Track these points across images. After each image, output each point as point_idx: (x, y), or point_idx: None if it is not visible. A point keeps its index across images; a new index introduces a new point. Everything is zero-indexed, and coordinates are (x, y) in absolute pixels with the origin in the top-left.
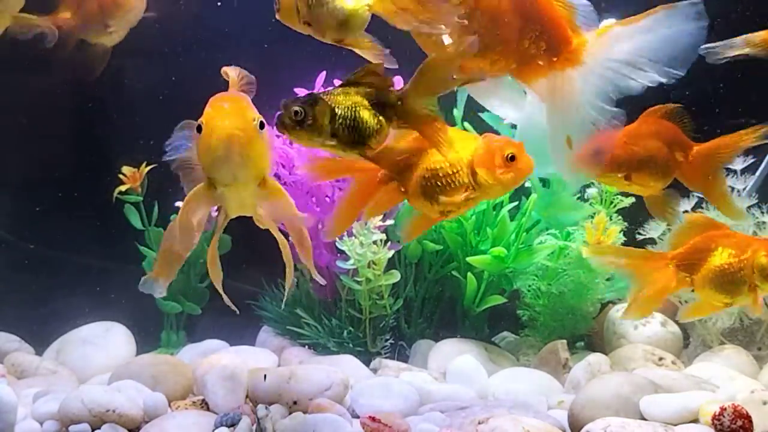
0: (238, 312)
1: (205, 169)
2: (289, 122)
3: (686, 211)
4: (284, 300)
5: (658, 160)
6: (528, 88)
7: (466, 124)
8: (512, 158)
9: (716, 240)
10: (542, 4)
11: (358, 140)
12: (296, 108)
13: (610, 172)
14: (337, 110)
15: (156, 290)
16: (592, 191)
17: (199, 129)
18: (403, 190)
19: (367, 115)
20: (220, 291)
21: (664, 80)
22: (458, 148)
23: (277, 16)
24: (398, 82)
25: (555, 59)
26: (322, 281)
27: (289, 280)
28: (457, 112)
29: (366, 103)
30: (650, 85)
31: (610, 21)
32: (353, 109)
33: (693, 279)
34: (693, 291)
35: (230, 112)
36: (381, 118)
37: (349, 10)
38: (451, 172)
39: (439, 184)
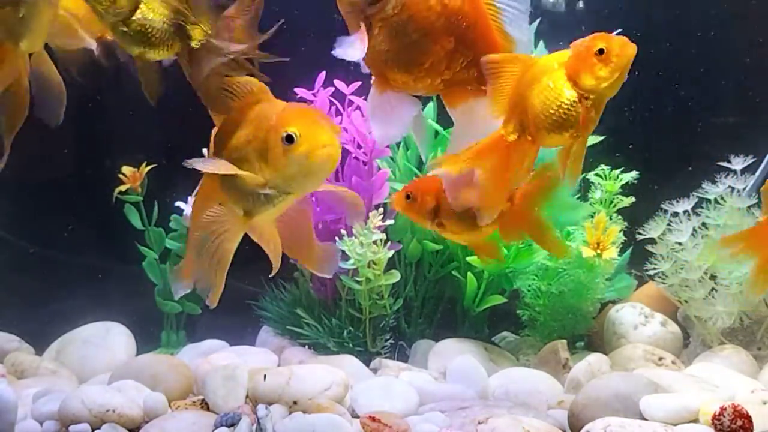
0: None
1: (281, 180)
2: None
3: (686, 212)
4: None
5: (470, 212)
6: (450, 110)
7: None
8: (602, 51)
9: None
10: (481, 31)
11: (143, 40)
12: None
13: (421, 219)
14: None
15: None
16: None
17: (290, 139)
18: (530, 138)
19: (159, 21)
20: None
21: None
22: (552, 67)
23: None
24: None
25: (484, 87)
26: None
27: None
28: None
29: (167, 14)
30: None
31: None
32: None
33: None
34: None
35: (327, 126)
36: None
37: None
38: (556, 95)
39: (552, 111)
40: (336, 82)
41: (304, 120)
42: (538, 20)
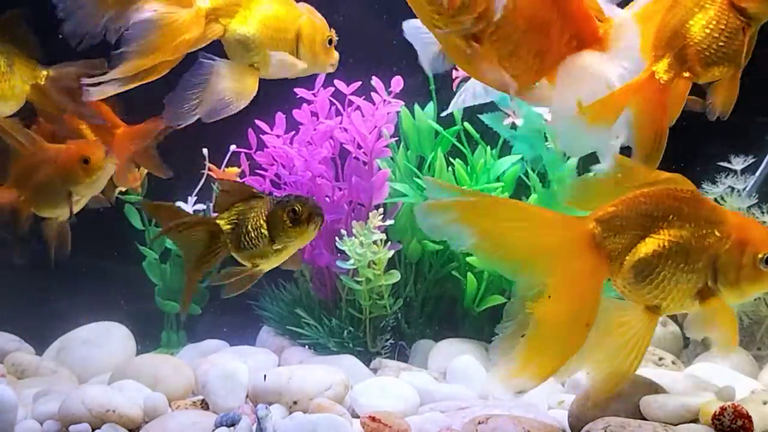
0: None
1: (737, 296)
2: None
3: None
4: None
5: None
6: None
7: (466, 124)
8: None
9: None
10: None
11: None
12: None
13: None
14: None
15: None
16: None
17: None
18: (688, 75)
19: None
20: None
21: None
22: None
23: None
24: (398, 82)
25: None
26: None
27: None
28: (457, 112)
29: None
30: None
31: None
32: None
33: None
34: None
35: None
36: None
37: None
38: (722, 25)
39: (721, 44)
40: (336, 82)
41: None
42: None
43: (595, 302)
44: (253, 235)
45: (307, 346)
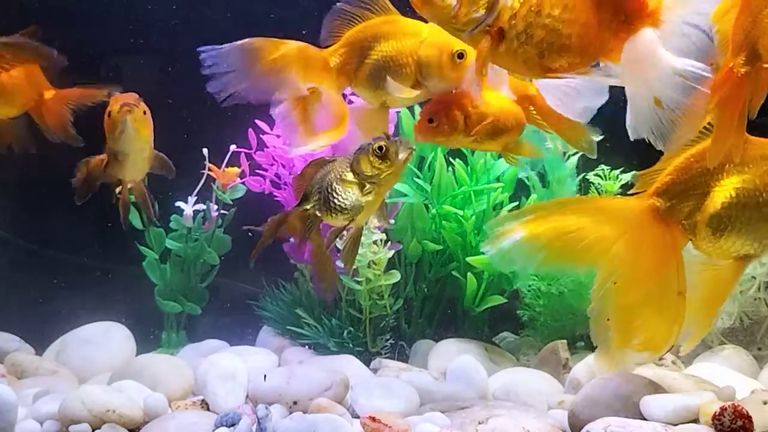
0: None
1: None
2: None
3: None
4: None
5: None
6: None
7: None
8: None
9: None
10: None
11: None
12: None
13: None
14: None
15: None
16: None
17: None
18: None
19: None
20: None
21: None
22: None
23: None
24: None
25: (634, 26)
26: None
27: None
28: None
29: None
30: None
31: None
32: None
33: None
34: None
35: None
36: None
37: None
38: None
39: None
40: None
41: None
42: None
43: (679, 271)
44: (340, 190)
45: (307, 346)
